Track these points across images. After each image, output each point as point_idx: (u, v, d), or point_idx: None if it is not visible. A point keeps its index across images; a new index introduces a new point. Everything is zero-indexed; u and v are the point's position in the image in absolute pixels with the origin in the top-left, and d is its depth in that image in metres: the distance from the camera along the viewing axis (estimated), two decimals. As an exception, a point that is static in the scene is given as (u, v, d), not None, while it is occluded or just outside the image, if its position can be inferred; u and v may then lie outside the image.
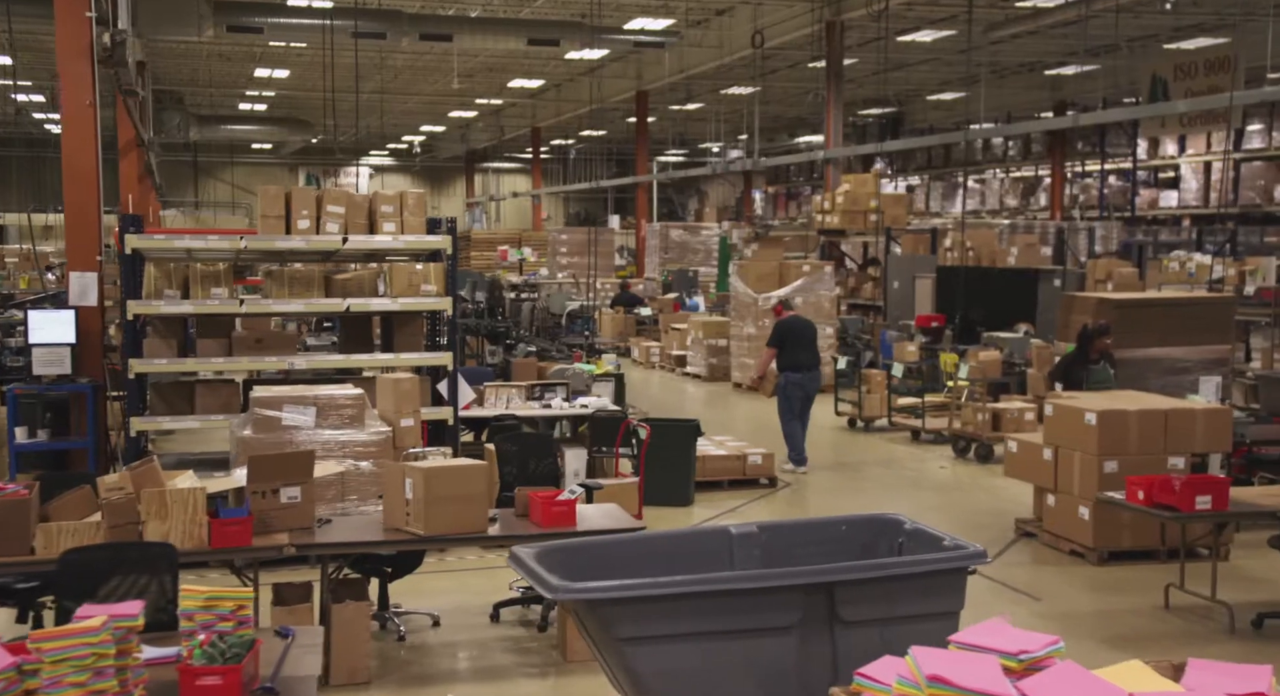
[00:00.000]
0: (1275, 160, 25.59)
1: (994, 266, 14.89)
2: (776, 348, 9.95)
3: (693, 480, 8.72)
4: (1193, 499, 5.80)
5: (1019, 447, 7.85)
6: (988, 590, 6.64)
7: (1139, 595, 6.45)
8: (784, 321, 10.19)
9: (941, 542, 3.99)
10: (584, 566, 3.89)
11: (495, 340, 12.49)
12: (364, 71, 29.12)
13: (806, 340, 10.05)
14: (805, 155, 26.53)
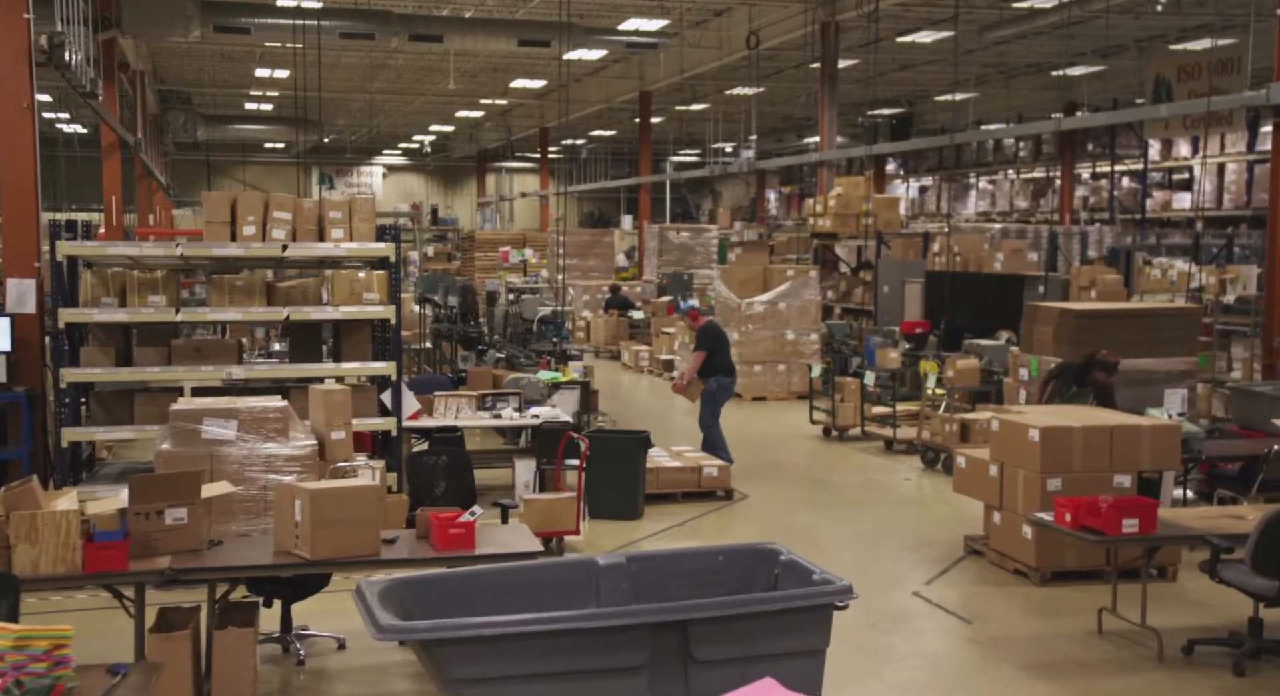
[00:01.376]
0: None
1: (980, 272, 14.65)
2: (708, 352, 9.92)
3: (642, 493, 8.57)
4: (1119, 521, 5.61)
5: (967, 463, 7.67)
6: (922, 612, 6.48)
7: (1075, 619, 6.26)
8: (711, 326, 10.23)
9: (811, 576, 3.84)
10: (438, 601, 3.77)
11: (468, 346, 12.39)
12: (367, 72, 29.18)
13: (727, 345, 10.33)
14: (801, 158, 26.22)
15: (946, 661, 5.74)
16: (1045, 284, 12.84)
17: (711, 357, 9.95)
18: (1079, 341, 8.71)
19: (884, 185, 38.21)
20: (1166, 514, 6.10)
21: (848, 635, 6.07)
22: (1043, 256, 17.18)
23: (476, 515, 5.24)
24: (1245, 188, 26.09)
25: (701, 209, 52.52)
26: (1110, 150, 29.14)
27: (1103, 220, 28.01)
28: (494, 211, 45.87)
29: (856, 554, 7.73)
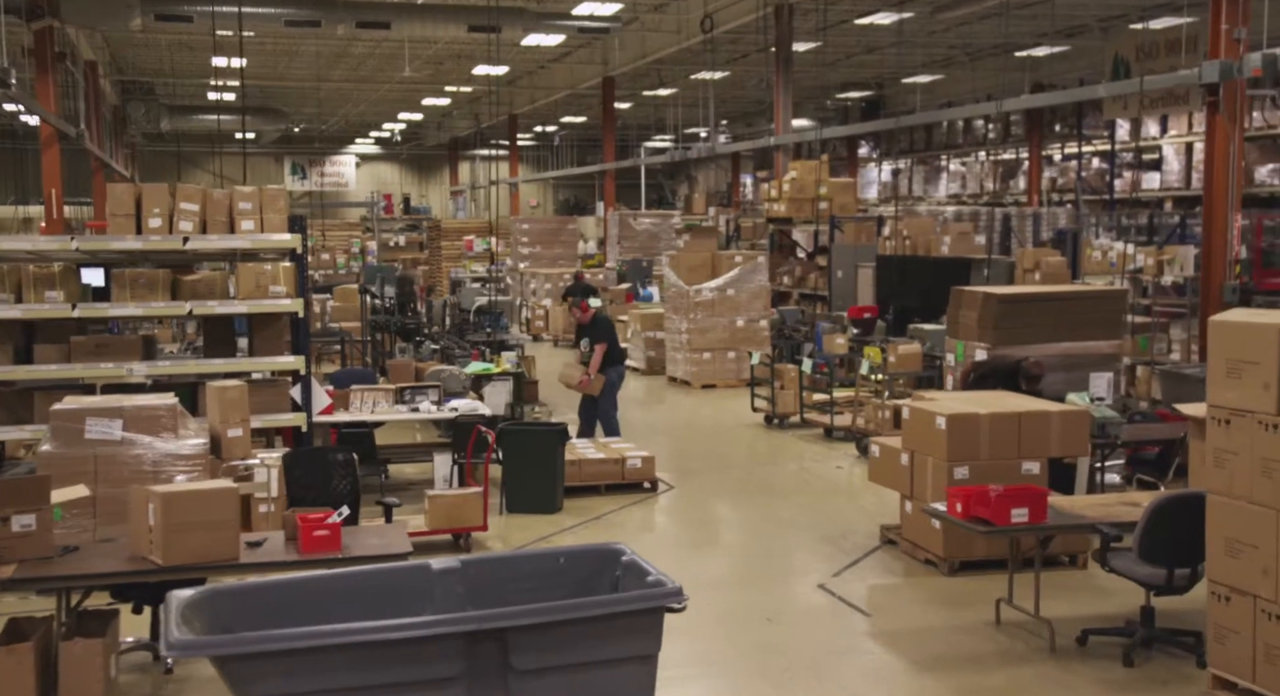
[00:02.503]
0: (1258, 141, 25.11)
1: (929, 255, 14.54)
2: (607, 343, 9.85)
3: (561, 486, 8.44)
4: (1008, 511, 5.50)
5: (881, 452, 7.56)
6: (822, 605, 6.37)
7: (976, 610, 6.16)
8: (603, 317, 10.18)
9: (646, 579, 3.71)
10: (260, 611, 3.63)
11: (406, 337, 12.23)
12: (329, 60, 28.88)
13: (616, 333, 10.46)
14: (755, 142, 25.98)
15: (834, 657, 5.63)
16: (989, 266, 12.74)
17: (609, 348, 9.87)
18: (1003, 326, 8.60)
19: (856, 168, 38.10)
20: (1063, 502, 6.00)
21: (738, 631, 5.97)
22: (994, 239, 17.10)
23: (343, 516, 5.11)
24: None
25: (677, 195, 52.29)
26: (1077, 131, 29.03)
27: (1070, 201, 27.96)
28: (465, 199, 45.56)
29: (769, 545, 7.62)
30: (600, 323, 9.92)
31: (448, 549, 7.36)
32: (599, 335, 9.79)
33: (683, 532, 8.11)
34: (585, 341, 9.86)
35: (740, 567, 7.14)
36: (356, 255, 21.84)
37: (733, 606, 6.34)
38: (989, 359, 8.54)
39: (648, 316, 16.29)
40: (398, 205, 46.92)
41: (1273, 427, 4.75)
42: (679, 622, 6.16)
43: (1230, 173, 10.27)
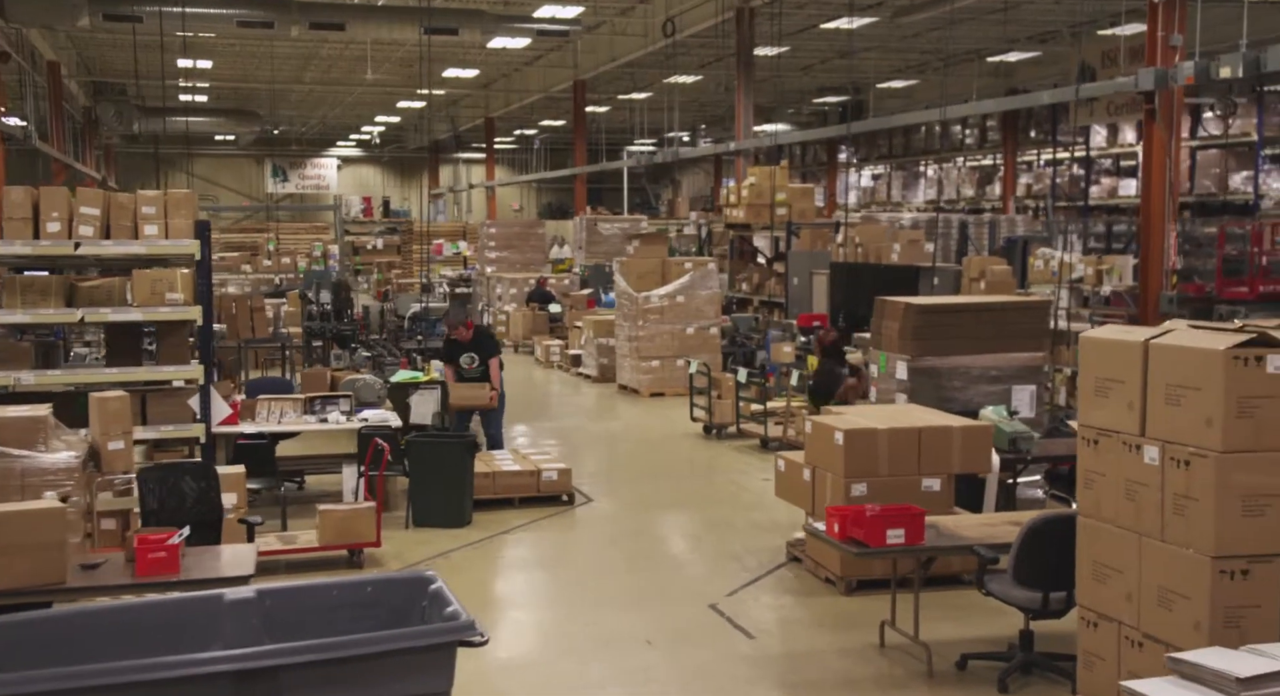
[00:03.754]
0: (1230, 148, 25.03)
1: (880, 263, 14.39)
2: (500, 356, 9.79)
3: (470, 499, 8.25)
4: (883, 532, 5.33)
5: (786, 467, 7.38)
6: (709, 626, 6.18)
7: (863, 632, 5.98)
8: (490, 330, 9.96)
9: (444, 611, 3.53)
10: (39, 645, 3.45)
11: (342, 344, 12.04)
12: (298, 63, 28.71)
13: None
14: (717, 148, 25.77)
15: (704, 681, 5.45)
16: (933, 274, 12.60)
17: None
18: (922, 337, 8.42)
19: (835, 174, 37.99)
20: (948, 521, 5.83)
21: (616, 653, 5.79)
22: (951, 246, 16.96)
23: (183, 536, 4.93)
24: (1188, 174, 25.94)
25: (661, 199, 52.12)
26: (1052, 137, 28.92)
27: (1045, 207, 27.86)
28: (444, 203, 45.37)
29: (673, 561, 7.45)
30: (490, 337, 9.67)
31: (343, 565, 7.18)
32: (492, 348, 9.56)
33: (586, 548, 7.93)
34: (467, 357, 9.51)
35: (636, 585, 6.96)
36: (319, 259, 21.63)
37: (617, 627, 6.17)
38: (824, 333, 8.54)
39: (600, 323, 16.12)
40: (377, 208, 46.78)
41: (1135, 449, 4.59)
42: (556, 643, 6.01)
43: (1166, 182, 10.13)
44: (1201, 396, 4.26)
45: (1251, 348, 4.20)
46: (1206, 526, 4.23)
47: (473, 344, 9.41)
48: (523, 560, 7.53)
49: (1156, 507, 4.46)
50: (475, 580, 7.02)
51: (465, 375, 9.46)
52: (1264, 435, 4.21)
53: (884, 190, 37.27)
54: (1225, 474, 4.19)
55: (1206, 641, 4.24)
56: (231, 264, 22.04)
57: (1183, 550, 4.32)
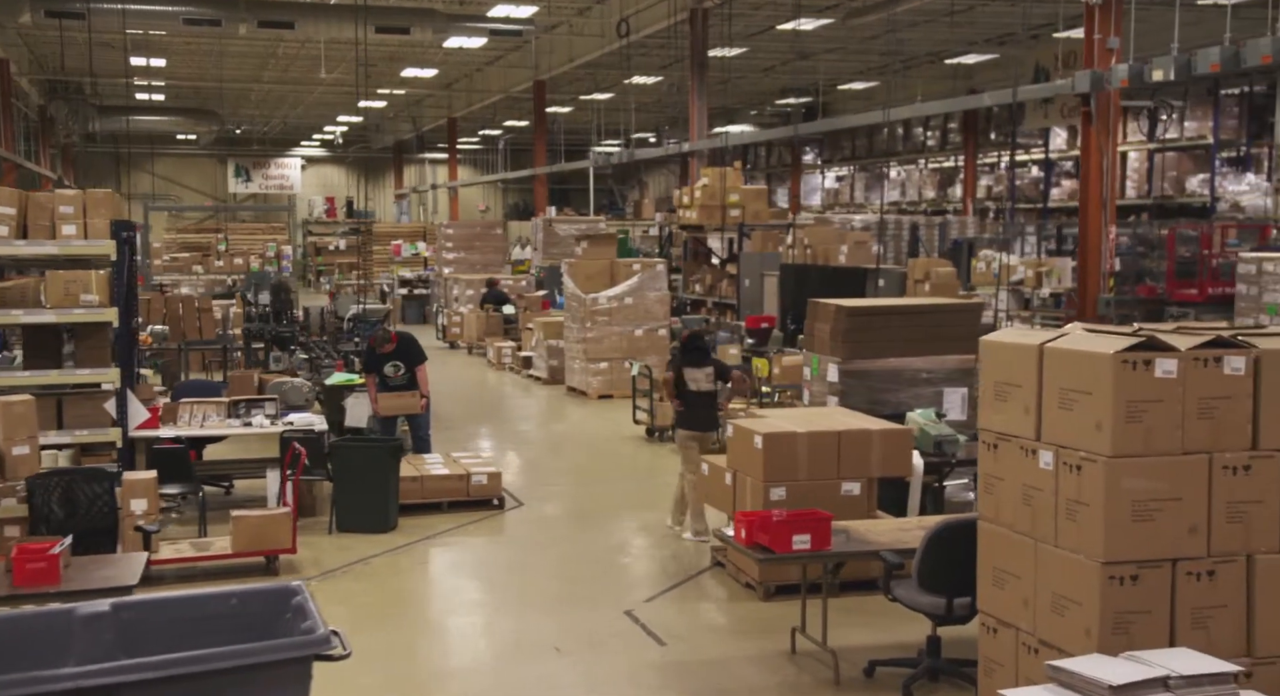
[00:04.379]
0: (1189, 150, 25.24)
1: (828, 264, 14.37)
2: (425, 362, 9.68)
3: (395, 504, 8.13)
4: (789, 538, 5.27)
5: (710, 470, 7.32)
6: (623, 633, 6.10)
7: (777, 638, 5.91)
8: (414, 338, 9.83)
9: (302, 624, 3.43)
10: None
11: (281, 346, 11.88)
12: (254, 62, 28.40)
13: None
14: (670, 149, 25.63)
15: (607, 690, 5.36)
16: (876, 276, 12.58)
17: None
18: (853, 339, 8.39)
19: (799, 175, 38.08)
20: (860, 526, 5.78)
21: (523, 661, 5.70)
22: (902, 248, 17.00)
23: (65, 545, 4.79)
24: (1146, 176, 26.15)
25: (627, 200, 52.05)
26: (1011, 139, 29.08)
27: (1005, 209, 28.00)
28: (408, 203, 45.08)
29: (597, 566, 7.36)
30: (414, 346, 9.53)
31: (259, 572, 7.04)
32: (418, 356, 9.43)
33: (510, 553, 7.81)
34: (392, 366, 9.34)
35: (554, 591, 6.87)
36: (271, 259, 21.40)
37: (529, 634, 6.07)
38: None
39: (550, 324, 16.02)
40: (341, 209, 46.43)
41: (1032, 453, 4.55)
42: (461, 651, 5.88)
43: (1104, 184, 10.16)
44: (1092, 400, 4.22)
45: (1140, 351, 4.17)
46: (1096, 532, 4.19)
47: (397, 353, 9.28)
48: (442, 566, 7.42)
49: (1051, 513, 4.42)
50: (390, 586, 6.91)
51: (391, 383, 9.33)
52: (1154, 439, 4.18)
53: (848, 192, 37.39)
54: (1114, 479, 4.16)
55: (1096, 648, 4.20)
56: (183, 265, 21.77)
57: (1074, 555, 4.28)
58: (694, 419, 7.98)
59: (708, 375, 8.00)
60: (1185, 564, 4.20)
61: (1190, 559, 4.21)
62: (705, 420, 7.99)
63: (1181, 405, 4.19)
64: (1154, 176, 25.89)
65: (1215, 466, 4.21)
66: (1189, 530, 4.22)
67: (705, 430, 8.00)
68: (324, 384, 10.11)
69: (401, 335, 9.61)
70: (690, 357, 8.11)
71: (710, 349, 8.34)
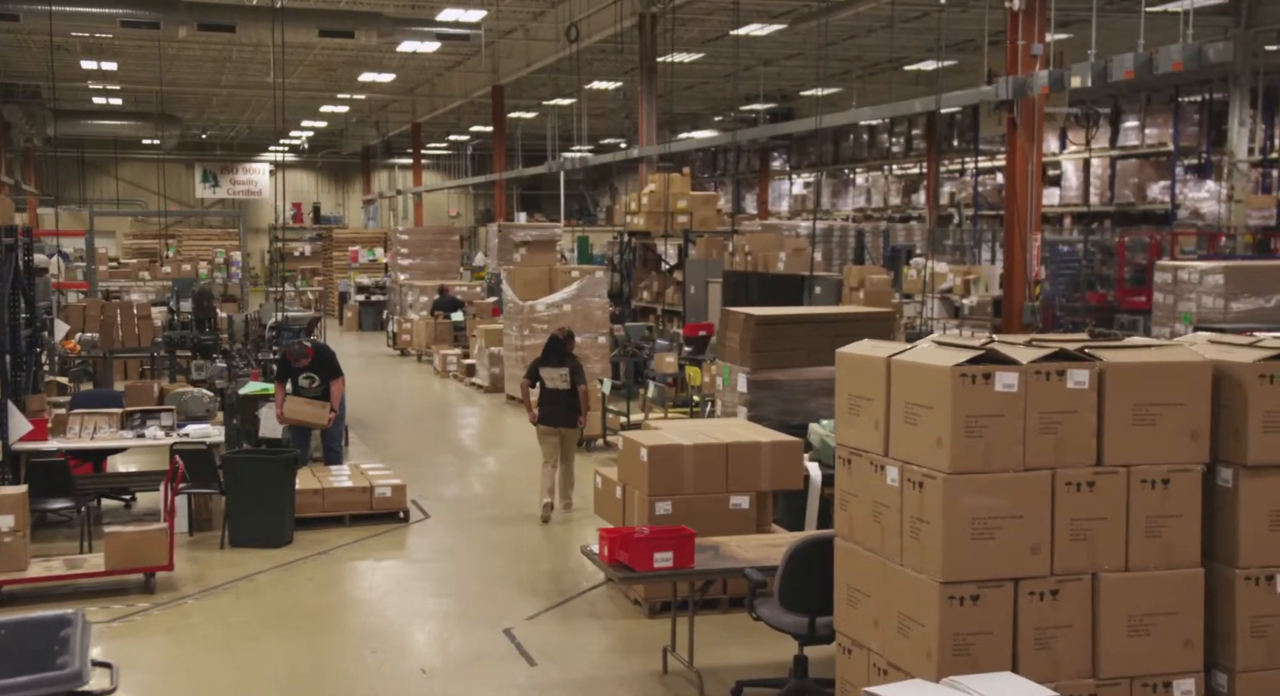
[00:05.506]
0: (1150, 158, 25.29)
1: (768, 271, 14.25)
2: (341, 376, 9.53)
3: (290, 518, 7.94)
4: (650, 555, 5.12)
5: (603, 483, 7.16)
6: (498, 652, 5.92)
7: (653, 658, 5.73)
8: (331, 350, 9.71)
9: (57, 661, 3.25)
10: None
11: (204, 354, 11.67)
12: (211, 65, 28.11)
13: None
14: (614, 155, 25.49)
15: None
16: (810, 283, 12.47)
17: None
18: (762, 348, 8.25)
19: (768, 181, 38.05)
20: (731, 542, 5.63)
21: (382, 685, 5.50)
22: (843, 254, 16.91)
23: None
24: (1109, 183, 26.18)
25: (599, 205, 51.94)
26: (974, 145, 29.09)
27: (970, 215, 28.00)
28: (376, 209, 44.79)
29: (489, 582, 7.17)
30: (331, 359, 9.34)
31: (137, 590, 6.83)
32: (334, 370, 9.24)
33: (403, 569, 7.60)
34: (306, 377, 9.13)
35: (437, 609, 6.68)
36: (220, 265, 21.13)
37: (397, 654, 5.88)
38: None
39: (491, 332, 15.84)
40: (308, 214, 46.08)
41: (880, 469, 4.41)
42: (325, 672, 5.63)
43: (1030, 191, 10.06)
44: (933, 415, 4.08)
45: (979, 365, 4.03)
46: (935, 550, 4.05)
47: (312, 365, 9.08)
48: (327, 581, 7.21)
49: (897, 530, 4.28)
50: (268, 604, 6.71)
51: (304, 393, 9.13)
52: (994, 455, 4.04)
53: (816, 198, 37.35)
54: (953, 496, 4.01)
55: (936, 670, 4.06)
56: (130, 271, 21.48)
57: (918, 575, 4.14)
58: (549, 414, 8.62)
59: (563, 376, 8.67)
60: (1027, 583, 4.07)
61: (1032, 578, 4.08)
62: (559, 416, 8.61)
63: (1023, 420, 4.06)
64: (1116, 183, 25.94)
65: (1058, 483, 4.09)
66: (1031, 549, 4.09)
67: (559, 425, 8.60)
68: (236, 393, 9.90)
69: (318, 347, 9.42)
70: (548, 359, 8.78)
71: (570, 353, 8.99)
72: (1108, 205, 26.04)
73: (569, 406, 8.65)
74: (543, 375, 8.78)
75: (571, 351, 9.03)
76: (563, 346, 8.93)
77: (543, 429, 8.65)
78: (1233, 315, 8.01)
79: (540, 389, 8.76)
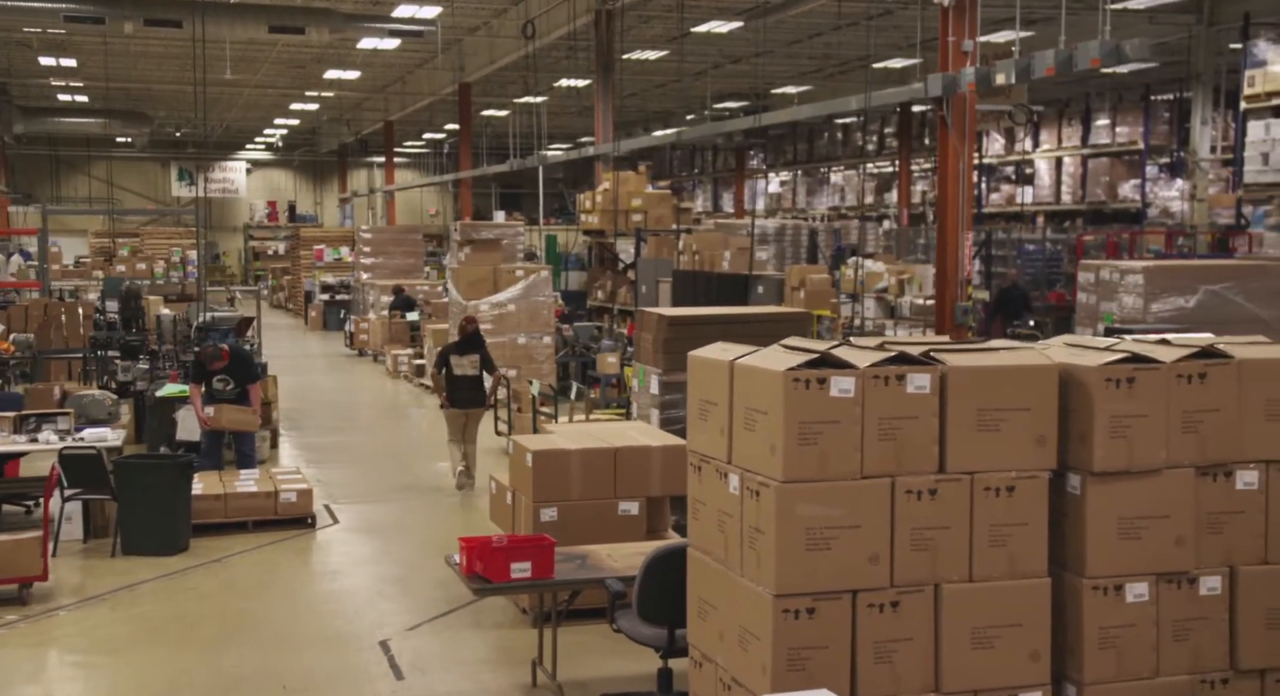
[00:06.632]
0: (1120, 156, 25.19)
1: (713, 271, 14.10)
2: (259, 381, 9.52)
3: (185, 524, 7.72)
4: (506, 565, 4.93)
5: (497, 489, 6.98)
6: (365, 666, 5.71)
7: (524, 671, 5.57)
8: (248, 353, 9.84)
9: None
10: None
11: (131, 355, 11.46)
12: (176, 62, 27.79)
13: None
14: (577, 152, 25.33)
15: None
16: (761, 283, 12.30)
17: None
18: (673, 349, 8.07)
19: (743, 179, 37.92)
20: (601, 551, 5.43)
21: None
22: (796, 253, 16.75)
23: None
24: (1081, 181, 26.08)
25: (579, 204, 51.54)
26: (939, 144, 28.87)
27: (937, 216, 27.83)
28: (352, 208, 44.52)
29: (379, 590, 6.97)
30: (248, 362, 9.14)
31: (10, 602, 6.59)
32: (251, 373, 9.04)
33: (294, 577, 7.37)
34: (221, 380, 8.93)
35: (320, 620, 6.46)
36: (177, 264, 20.90)
37: (261, 669, 5.66)
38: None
39: (440, 332, 15.63)
40: (283, 213, 45.82)
41: (724, 476, 4.23)
42: (184, 687, 5.40)
43: (961, 190, 9.91)
44: (768, 421, 3.90)
45: (813, 369, 3.86)
46: (770, 561, 3.87)
47: (228, 368, 8.87)
48: (211, 591, 6.95)
49: (738, 540, 4.11)
50: (144, 615, 6.48)
51: (219, 396, 8.92)
52: (829, 463, 3.86)
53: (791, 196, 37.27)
54: (787, 505, 3.83)
55: (770, 686, 3.89)
56: (85, 270, 21.24)
57: (755, 587, 3.96)
58: (458, 398, 9.53)
59: (472, 362, 9.60)
60: (866, 595, 3.89)
61: (871, 589, 3.89)
62: (468, 399, 9.58)
63: (860, 426, 3.87)
64: (1088, 182, 25.83)
65: (898, 491, 3.90)
66: (869, 559, 3.90)
67: (468, 407, 9.56)
68: (154, 395, 9.70)
69: (235, 350, 9.21)
70: (459, 348, 9.68)
71: (480, 343, 9.87)
72: (1080, 203, 25.95)
73: (478, 390, 9.61)
74: (452, 362, 9.56)
75: (481, 341, 9.87)
76: (473, 336, 9.82)
77: (453, 411, 9.53)
78: (1153, 315, 7.86)
79: (449, 375, 9.53)
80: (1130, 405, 3.93)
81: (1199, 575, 4.01)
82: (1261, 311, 8.04)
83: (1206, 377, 3.97)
